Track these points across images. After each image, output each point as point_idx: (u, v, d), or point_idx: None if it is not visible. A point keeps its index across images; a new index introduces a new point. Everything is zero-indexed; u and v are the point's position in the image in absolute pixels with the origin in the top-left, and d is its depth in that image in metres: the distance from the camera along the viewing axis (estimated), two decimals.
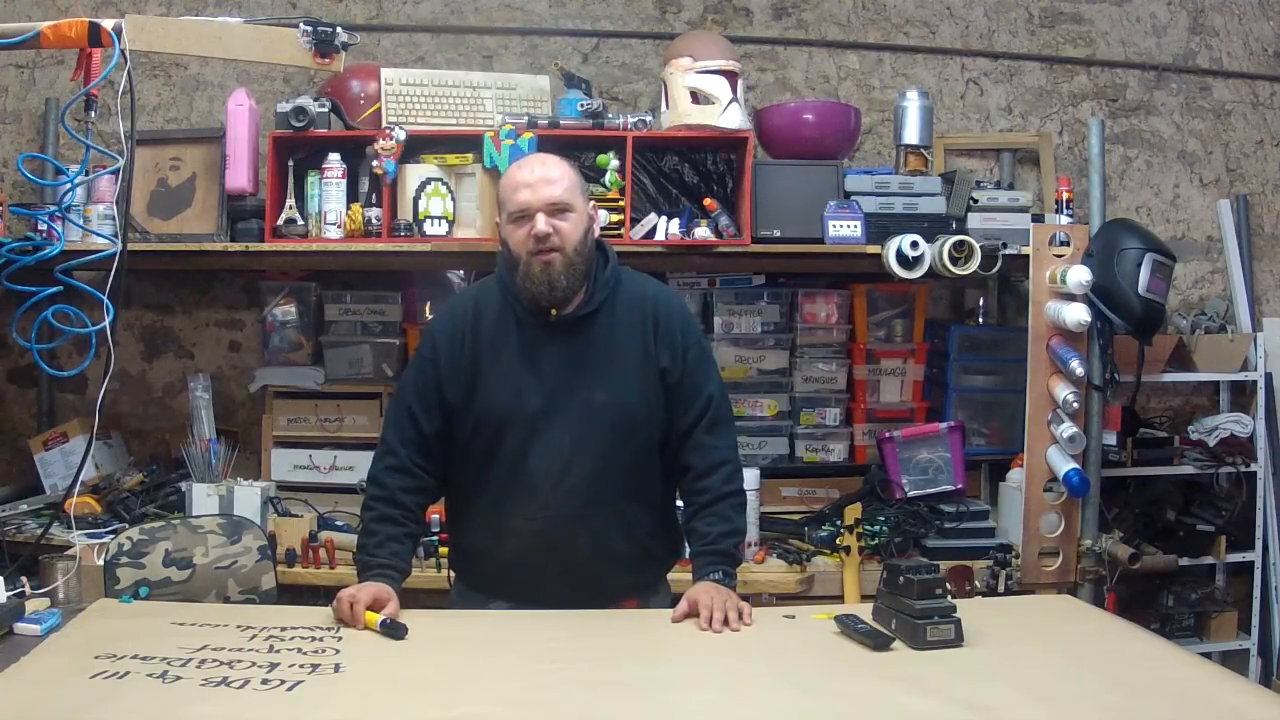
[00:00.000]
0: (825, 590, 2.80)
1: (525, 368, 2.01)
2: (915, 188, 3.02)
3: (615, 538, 2.03)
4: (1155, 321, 2.99)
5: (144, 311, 3.45)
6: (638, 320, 2.05)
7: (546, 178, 1.98)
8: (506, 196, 2.01)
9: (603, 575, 2.04)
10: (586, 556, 2.01)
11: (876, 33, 3.62)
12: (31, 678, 1.60)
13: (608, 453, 2.00)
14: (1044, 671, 1.68)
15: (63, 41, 2.20)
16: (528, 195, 1.97)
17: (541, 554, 2.01)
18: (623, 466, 2.02)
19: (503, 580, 2.06)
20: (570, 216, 1.98)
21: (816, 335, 3.27)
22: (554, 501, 1.99)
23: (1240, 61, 3.74)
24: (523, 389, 2.00)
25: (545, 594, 2.01)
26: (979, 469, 3.26)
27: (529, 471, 1.99)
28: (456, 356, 2.04)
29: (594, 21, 3.54)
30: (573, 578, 2.02)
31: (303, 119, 2.87)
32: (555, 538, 2.00)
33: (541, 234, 1.94)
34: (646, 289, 2.11)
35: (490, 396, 2.01)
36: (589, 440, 1.99)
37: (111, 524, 2.80)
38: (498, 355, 2.02)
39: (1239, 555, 3.41)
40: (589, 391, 2.00)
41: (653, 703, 1.57)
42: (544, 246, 1.95)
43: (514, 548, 2.03)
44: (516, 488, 2.00)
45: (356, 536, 2.12)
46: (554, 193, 1.97)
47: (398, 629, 1.80)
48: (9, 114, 3.42)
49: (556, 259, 1.96)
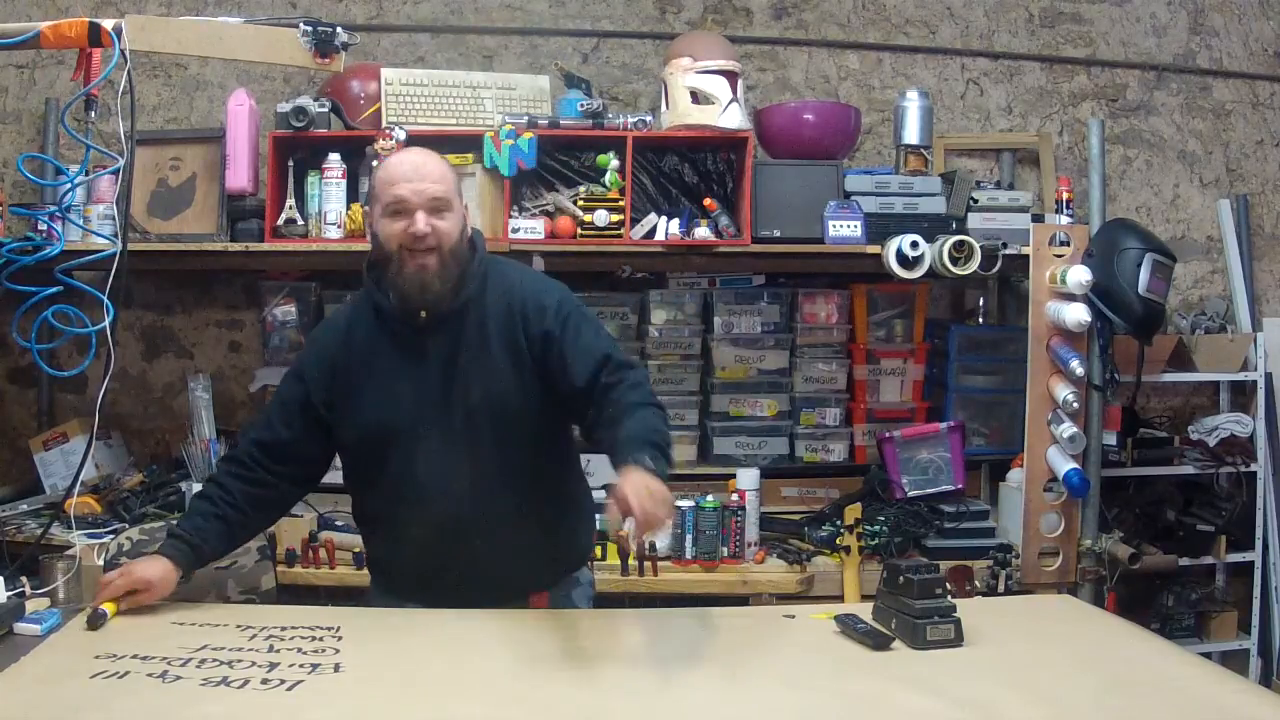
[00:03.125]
0: (825, 590, 2.80)
1: (398, 378, 1.97)
2: (915, 188, 3.02)
3: (510, 536, 1.98)
4: (1155, 321, 2.99)
5: (144, 311, 3.45)
6: (504, 311, 1.98)
7: (426, 174, 1.92)
8: (382, 189, 1.93)
9: (501, 575, 2.00)
10: (484, 557, 1.97)
11: (876, 33, 3.62)
12: (31, 678, 1.60)
13: (490, 452, 1.95)
14: (1044, 671, 1.68)
15: (63, 41, 2.20)
16: (406, 190, 1.90)
17: (440, 558, 1.99)
18: (509, 463, 1.97)
19: (410, 584, 2.05)
20: (448, 215, 1.92)
21: (816, 335, 3.27)
22: (444, 506, 1.95)
23: (1240, 61, 3.74)
24: (398, 399, 1.96)
25: (451, 595, 1.97)
26: (979, 469, 3.26)
27: (415, 480, 1.96)
28: (325, 374, 2.01)
29: (594, 21, 3.54)
30: (474, 578, 1.99)
31: (303, 119, 2.87)
32: (450, 541, 1.97)
33: (420, 233, 1.88)
34: (511, 276, 2.03)
35: (367, 410, 1.98)
36: (469, 442, 1.95)
37: (111, 524, 2.79)
38: (370, 369, 1.99)
39: (1239, 555, 3.41)
40: (463, 393, 1.95)
41: (652, 702, 1.57)
42: (421, 246, 1.89)
43: (413, 554, 2.01)
44: (405, 496, 1.98)
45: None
46: (435, 189, 1.91)
47: (96, 618, 1.81)
48: (9, 114, 3.42)
49: (432, 261, 1.90)
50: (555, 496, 2.09)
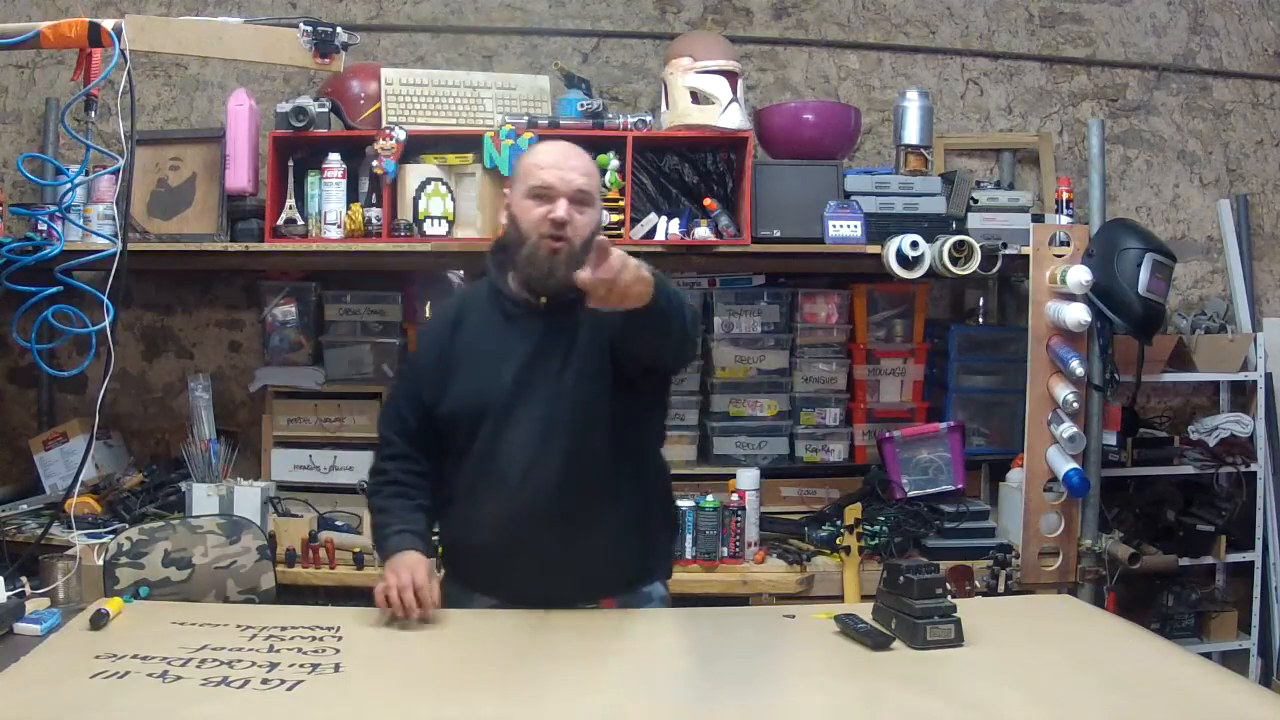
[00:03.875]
0: (825, 590, 2.80)
1: (502, 356, 1.99)
2: (915, 188, 3.02)
3: (587, 532, 1.98)
4: (1155, 321, 2.99)
5: (144, 311, 3.45)
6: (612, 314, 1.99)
7: (577, 166, 1.96)
8: (528, 171, 1.97)
9: (577, 571, 1.99)
10: (559, 549, 1.97)
11: (876, 33, 3.62)
12: (31, 678, 1.60)
13: (579, 444, 1.95)
14: (1044, 671, 1.68)
15: (63, 41, 2.20)
16: (554, 176, 1.93)
17: (515, 546, 1.98)
18: (596, 459, 1.97)
19: (482, 574, 2.04)
20: (588, 211, 1.96)
21: (816, 335, 3.27)
22: (523, 492, 1.95)
23: (1240, 61, 3.74)
24: (494, 377, 1.98)
25: (523, 589, 1.98)
26: (979, 469, 3.26)
27: (498, 461, 1.97)
28: (434, 356, 2.05)
29: (594, 21, 3.54)
30: (548, 571, 1.98)
31: (303, 119, 2.87)
32: (526, 529, 1.96)
33: (561, 220, 1.90)
34: None
35: (463, 388, 2.00)
36: (560, 429, 1.95)
37: (111, 524, 2.80)
38: (474, 349, 2.02)
39: (1239, 555, 3.41)
40: (564, 381, 1.96)
41: (652, 702, 1.57)
42: (558, 233, 1.91)
43: (488, 540, 2.00)
44: (487, 477, 1.98)
45: (371, 522, 2.12)
46: (581, 181, 1.94)
47: (99, 618, 1.81)
48: (9, 114, 3.42)
49: (564, 250, 1.92)
50: (637, 501, 2.07)
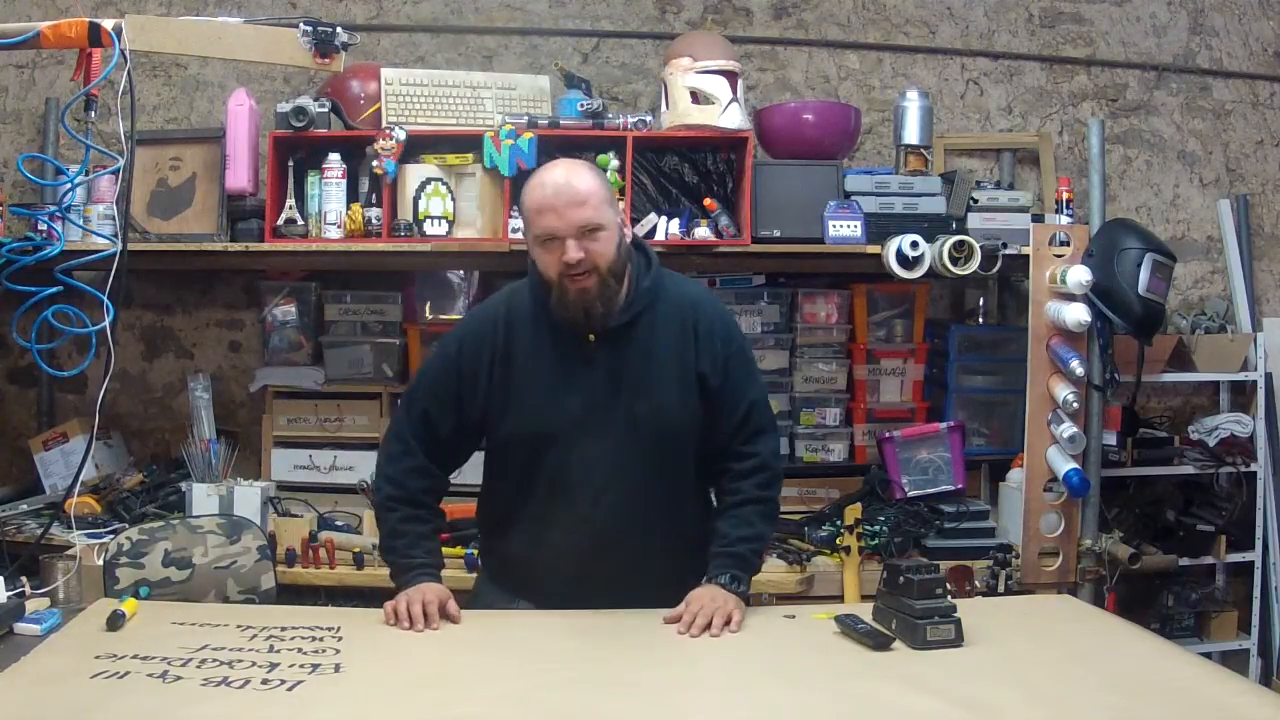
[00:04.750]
0: (825, 590, 2.79)
1: (563, 379, 1.95)
2: (915, 188, 3.02)
3: (655, 552, 1.99)
4: (1155, 321, 2.99)
5: (144, 311, 3.45)
6: (676, 327, 1.97)
7: (573, 198, 1.86)
8: (531, 218, 1.91)
9: (640, 590, 1.98)
10: (625, 571, 1.97)
11: (876, 33, 3.62)
12: (31, 678, 1.60)
13: (649, 465, 1.95)
14: (1044, 671, 1.68)
15: (63, 41, 2.20)
16: (554, 221, 1.85)
17: (581, 567, 1.98)
18: (665, 480, 1.98)
19: (536, 586, 2.03)
20: (601, 235, 1.87)
21: (816, 335, 3.27)
22: (596, 516, 1.95)
23: (1240, 61, 3.74)
24: (562, 401, 1.94)
25: (581, 605, 1.97)
26: (979, 469, 3.26)
27: (570, 485, 1.95)
28: (482, 362, 1.98)
29: (594, 21, 3.54)
30: (609, 590, 1.97)
31: (303, 119, 2.87)
32: (597, 552, 1.96)
33: (573, 260, 1.85)
34: (686, 293, 2.04)
35: (528, 407, 1.96)
36: (630, 453, 1.94)
37: (111, 524, 2.79)
38: (534, 365, 1.96)
39: (1239, 555, 3.41)
40: (629, 403, 1.94)
41: (653, 702, 1.57)
42: (577, 271, 1.86)
43: (553, 559, 2.00)
44: (558, 500, 1.96)
45: (380, 531, 2.10)
46: (583, 215, 1.85)
47: (116, 619, 1.82)
48: (9, 114, 3.42)
49: (592, 282, 1.87)
50: (696, 515, 2.07)
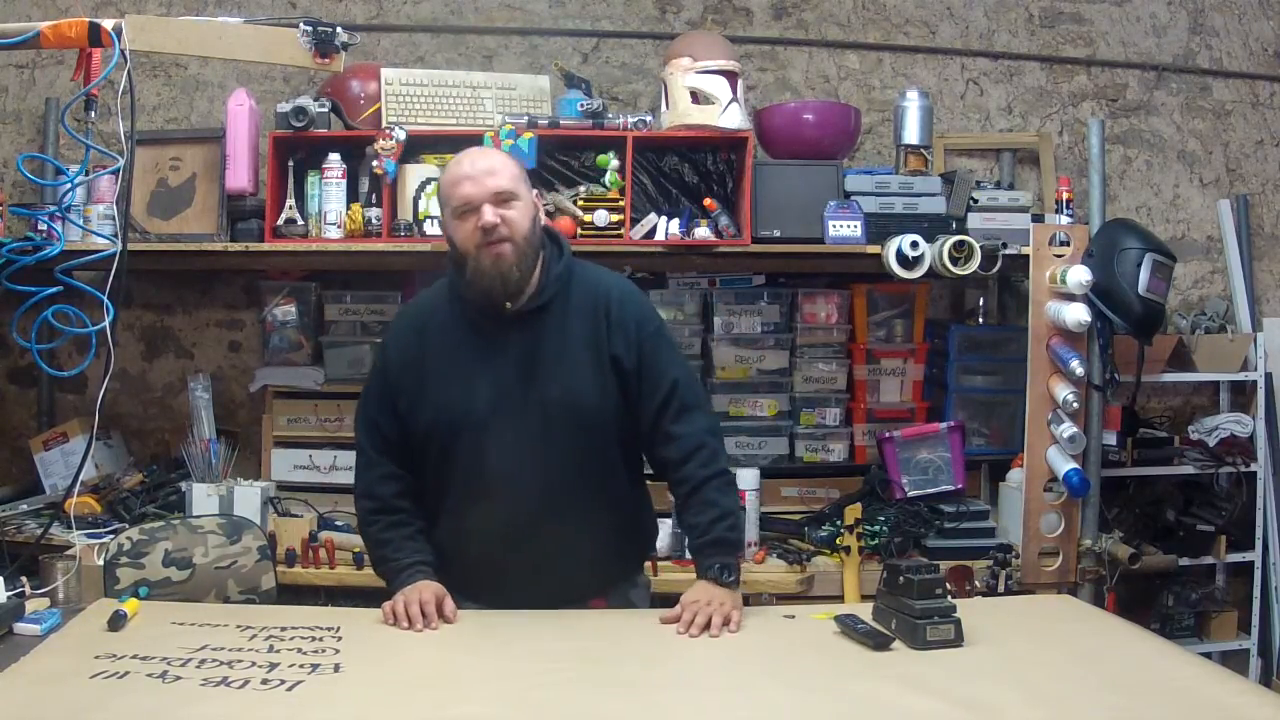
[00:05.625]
0: (825, 590, 2.79)
1: (475, 368, 1.99)
2: (915, 188, 3.02)
3: (576, 537, 2.00)
4: (1155, 321, 2.99)
5: (144, 311, 3.44)
6: (589, 312, 2.01)
7: (488, 168, 1.95)
8: (449, 192, 1.98)
9: (567, 575, 2.02)
10: (548, 556, 1.99)
11: (876, 33, 3.62)
12: (31, 678, 1.60)
13: (564, 450, 1.97)
14: (1044, 671, 1.68)
15: (63, 41, 2.20)
16: (470, 188, 1.93)
17: (503, 554, 2.00)
18: (581, 464, 1.99)
19: (469, 580, 2.04)
20: (516, 205, 1.95)
21: (816, 335, 3.27)
22: (512, 501, 1.97)
23: (1240, 61, 3.74)
24: (473, 389, 1.98)
25: (510, 594, 2.00)
26: (979, 469, 3.26)
27: (485, 471, 1.98)
28: (405, 363, 2.04)
29: (594, 21, 3.54)
30: (536, 578, 2.00)
31: (303, 119, 2.87)
32: (515, 538, 1.99)
33: (489, 224, 1.91)
34: (600, 280, 2.08)
35: (440, 398, 2.00)
36: (544, 438, 1.97)
37: (111, 524, 2.79)
38: (447, 358, 2.01)
39: (1239, 555, 3.41)
40: (542, 388, 1.97)
41: (652, 702, 1.57)
42: (493, 238, 1.92)
43: (476, 548, 2.02)
44: (473, 488, 1.99)
45: (367, 549, 2.12)
46: (498, 183, 1.93)
47: (117, 619, 1.82)
48: (9, 114, 3.42)
49: (507, 249, 1.93)
50: (623, 498, 2.09)
